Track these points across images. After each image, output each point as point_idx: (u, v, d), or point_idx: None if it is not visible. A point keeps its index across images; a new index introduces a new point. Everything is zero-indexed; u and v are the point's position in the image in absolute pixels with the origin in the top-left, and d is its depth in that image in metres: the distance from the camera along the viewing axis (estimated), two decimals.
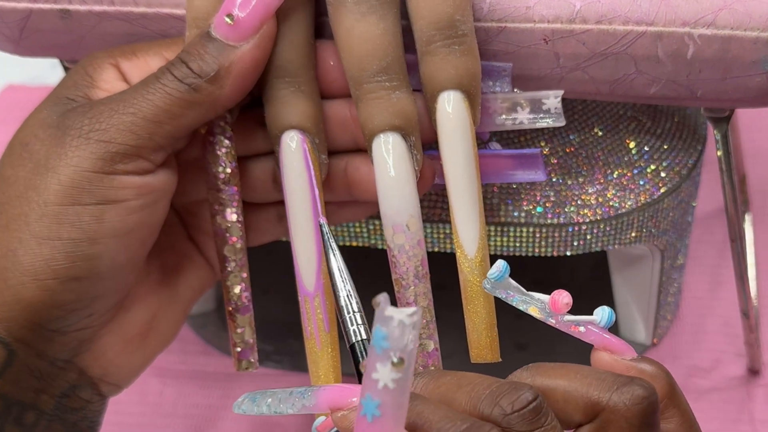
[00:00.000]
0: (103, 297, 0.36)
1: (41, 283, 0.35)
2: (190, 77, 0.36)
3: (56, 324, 0.35)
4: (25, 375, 0.35)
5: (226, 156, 0.38)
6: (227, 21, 0.35)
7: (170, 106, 0.36)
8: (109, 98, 0.36)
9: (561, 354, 0.63)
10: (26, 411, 0.36)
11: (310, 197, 0.37)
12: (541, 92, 0.38)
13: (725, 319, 0.63)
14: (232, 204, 0.39)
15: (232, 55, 0.36)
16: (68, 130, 0.35)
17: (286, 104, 0.37)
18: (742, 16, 0.37)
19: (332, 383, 0.38)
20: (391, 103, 0.36)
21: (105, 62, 0.38)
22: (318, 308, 0.37)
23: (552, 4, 0.38)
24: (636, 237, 0.51)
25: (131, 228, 0.36)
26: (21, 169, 0.36)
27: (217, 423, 0.60)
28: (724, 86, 0.39)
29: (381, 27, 0.36)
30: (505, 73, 0.38)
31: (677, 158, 0.51)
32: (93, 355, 0.38)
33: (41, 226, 0.35)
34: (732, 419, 0.58)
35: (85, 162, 0.35)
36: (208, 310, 0.66)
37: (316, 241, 0.37)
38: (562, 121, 0.38)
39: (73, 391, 0.37)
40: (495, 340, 0.38)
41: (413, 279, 0.37)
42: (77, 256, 0.35)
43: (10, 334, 0.35)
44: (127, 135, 0.35)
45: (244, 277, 0.39)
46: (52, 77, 0.90)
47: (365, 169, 0.38)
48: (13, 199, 0.36)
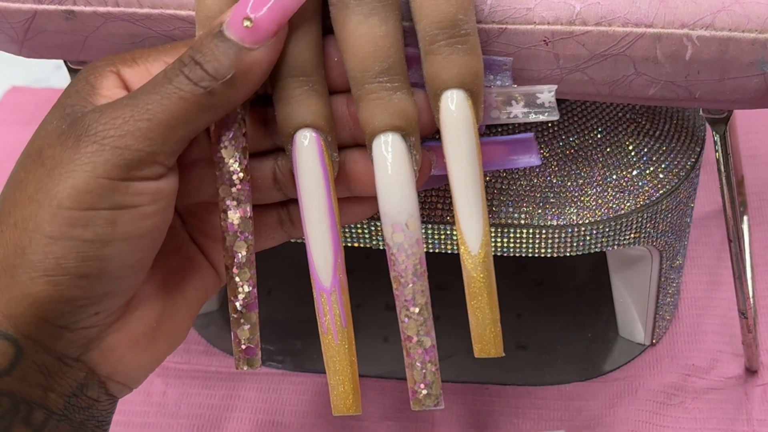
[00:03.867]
0: (111, 296, 0.36)
1: (50, 279, 0.35)
2: (205, 80, 0.35)
3: (64, 320, 0.35)
4: (33, 372, 0.35)
5: (242, 152, 0.38)
6: (246, 24, 0.35)
7: (185, 111, 0.35)
8: (121, 102, 0.35)
9: (561, 354, 0.63)
10: (34, 410, 0.35)
11: (326, 195, 0.37)
12: (535, 86, 0.38)
13: (723, 320, 0.64)
14: (246, 200, 0.39)
15: (248, 58, 0.35)
16: (82, 137, 0.35)
17: (301, 103, 0.37)
18: (740, 17, 0.38)
19: (350, 379, 0.38)
20: (392, 104, 0.36)
21: (105, 70, 0.38)
22: (335, 303, 0.38)
23: (552, 6, 0.38)
24: (635, 238, 0.52)
25: (144, 232, 0.36)
26: (33, 174, 0.36)
27: (221, 423, 0.60)
28: (723, 87, 0.39)
29: (383, 29, 0.36)
30: (506, 67, 0.38)
31: (676, 160, 0.51)
32: (101, 353, 0.38)
33: (53, 226, 0.35)
34: (730, 418, 0.58)
35: (100, 168, 0.35)
36: (211, 310, 0.66)
37: (331, 237, 0.37)
38: (556, 115, 0.38)
39: (81, 389, 0.37)
40: (498, 335, 0.38)
41: (412, 276, 0.37)
42: (88, 256, 0.35)
43: (17, 331, 0.35)
44: (143, 141, 0.35)
45: (252, 274, 0.40)
46: (55, 79, 0.90)
47: (363, 164, 0.39)
48: (23, 200, 0.36)
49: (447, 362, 0.63)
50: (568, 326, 0.65)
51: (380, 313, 0.65)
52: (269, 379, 0.62)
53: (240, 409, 0.61)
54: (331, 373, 0.38)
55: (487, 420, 0.60)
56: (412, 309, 0.37)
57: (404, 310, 0.37)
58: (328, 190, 0.37)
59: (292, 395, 0.62)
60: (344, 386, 0.38)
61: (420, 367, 0.37)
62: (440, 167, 0.39)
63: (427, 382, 0.37)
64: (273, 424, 0.60)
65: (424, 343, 0.37)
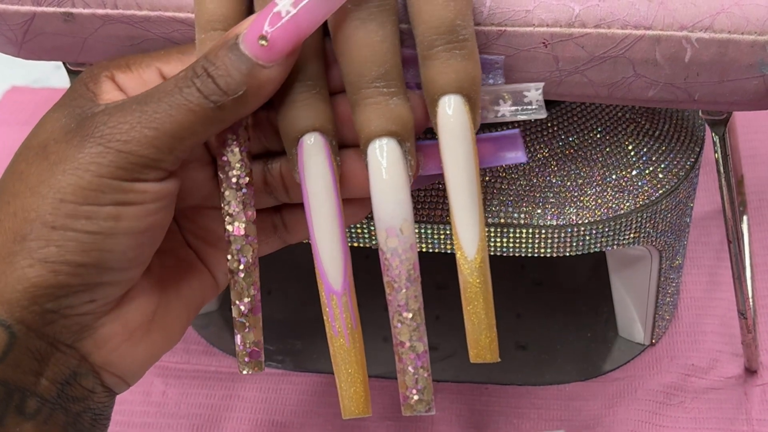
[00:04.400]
0: (108, 285, 0.37)
1: (49, 265, 0.35)
2: (216, 94, 0.35)
3: (57, 305, 0.35)
4: (26, 358, 0.35)
5: (247, 156, 0.38)
6: (261, 43, 0.35)
7: (193, 123, 0.35)
8: (130, 107, 0.36)
9: (561, 354, 0.63)
10: (28, 398, 0.35)
11: (335, 198, 0.37)
12: (522, 84, 0.38)
13: (723, 320, 0.64)
14: (251, 204, 0.39)
15: (261, 75, 0.35)
16: (88, 137, 0.35)
17: (309, 107, 0.37)
18: (740, 19, 0.38)
19: (361, 381, 0.38)
20: (389, 109, 0.36)
21: (101, 75, 0.38)
22: (346, 306, 0.38)
23: (551, 8, 0.38)
24: (634, 238, 0.52)
25: (146, 228, 0.36)
26: (36, 166, 0.36)
27: (220, 423, 0.60)
28: (722, 89, 0.39)
29: (380, 34, 0.36)
30: (497, 65, 0.38)
31: (675, 160, 0.51)
32: (95, 342, 0.38)
33: (55, 217, 0.35)
34: (729, 419, 0.58)
35: (104, 169, 0.35)
36: (210, 310, 0.66)
37: (341, 240, 0.37)
38: (544, 113, 0.38)
39: (74, 378, 0.37)
40: (494, 340, 0.38)
41: (405, 282, 0.37)
42: (90, 246, 0.35)
43: (11, 316, 0.35)
44: (149, 149, 0.35)
45: (257, 278, 0.40)
46: (55, 79, 0.90)
47: (353, 164, 0.39)
48: (24, 191, 0.36)
49: (447, 362, 0.63)
50: (568, 326, 0.65)
51: (379, 313, 0.65)
52: (269, 379, 0.62)
53: (240, 409, 0.61)
54: (342, 376, 0.38)
55: (487, 420, 0.60)
56: (405, 314, 0.37)
57: (397, 315, 0.37)
58: (337, 193, 0.37)
59: (292, 395, 0.62)
60: (356, 388, 0.38)
61: (412, 372, 0.37)
62: (428, 167, 0.39)
63: (419, 387, 0.37)
64: (273, 424, 0.60)
65: (416, 348, 0.37)
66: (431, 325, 0.46)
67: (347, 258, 0.38)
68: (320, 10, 0.35)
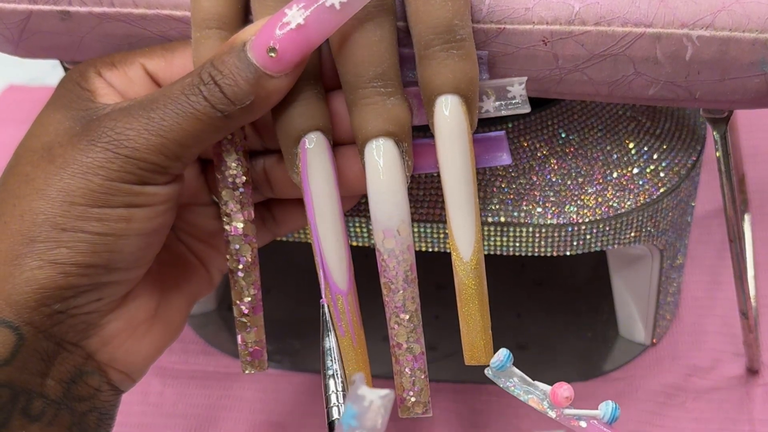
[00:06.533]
0: (114, 284, 0.37)
1: (59, 267, 0.35)
2: (222, 103, 0.35)
3: (65, 305, 0.36)
4: (33, 360, 0.35)
5: (244, 155, 0.38)
6: (270, 55, 0.34)
7: (199, 131, 0.35)
8: (137, 112, 0.36)
9: (561, 354, 0.63)
10: (33, 400, 0.36)
11: (337, 197, 0.37)
12: (505, 80, 0.38)
13: (724, 319, 0.63)
14: (248, 203, 0.39)
15: (269, 85, 0.35)
16: (95, 142, 0.36)
17: (311, 106, 0.37)
18: (741, 17, 0.37)
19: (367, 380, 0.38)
20: (386, 110, 0.36)
21: (89, 72, 0.38)
22: (351, 304, 0.38)
23: (551, 5, 0.38)
24: (635, 237, 0.52)
25: (155, 228, 0.37)
26: (42, 170, 0.36)
27: (218, 422, 0.60)
28: (723, 87, 0.39)
29: (378, 34, 0.36)
30: (481, 60, 0.38)
31: (676, 158, 0.51)
32: (101, 340, 0.38)
33: (65, 220, 0.35)
34: (731, 419, 0.58)
35: (114, 174, 0.35)
36: (208, 310, 0.66)
37: (344, 240, 0.37)
38: (527, 107, 0.38)
39: (80, 376, 0.37)
40: (489, 342, 0.38)
41: (402, 283, 0.37)
42: (101, 247, 0.36)
43: (19, 318, 0.35)
44: (156, 155, 0.35)
45: (257, 277, 0.40)
46: (53, 77, 0.90)
47: (345, 162, 0.39)
48: (31, 194, 0.36)
49: (447, 362, 0.62)
50: (568, 326, 0.64)
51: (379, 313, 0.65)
52: (267, 378, 0.62)
53: (238, 409, 0.61)
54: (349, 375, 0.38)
55: (487, 420, 0.60)
56: (402, 316, 0.37)
57: (394, 317, 0.37)
58: (338, 193, 0.37)
59: (290, 395, 0.62)
60: None
61: (409, 374, 0.37)
62: (418, 166, 0.39)
63: (416, 389, 0.37)
64: (271, 424, 0.60)
65: (413, 350, 0.37)
66: (430, 325, 0.46)
67: (350, 257, 0.38)
68: (330, 22, 0.34)
